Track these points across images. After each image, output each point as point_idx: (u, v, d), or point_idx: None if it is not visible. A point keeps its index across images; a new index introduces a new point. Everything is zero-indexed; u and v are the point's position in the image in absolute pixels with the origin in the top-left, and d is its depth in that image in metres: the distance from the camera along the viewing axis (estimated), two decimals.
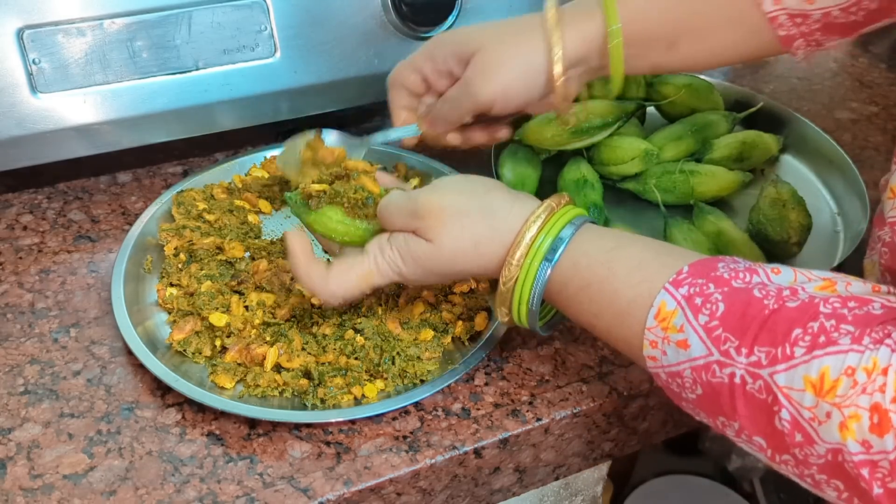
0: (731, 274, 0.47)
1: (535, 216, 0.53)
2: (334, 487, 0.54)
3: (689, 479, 1.18)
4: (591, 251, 0.52)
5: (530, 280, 0.53)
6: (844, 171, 0.79)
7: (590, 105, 0.79)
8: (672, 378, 0.48)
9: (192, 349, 0.60)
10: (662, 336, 0.47)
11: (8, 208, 0.73)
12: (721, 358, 0.44)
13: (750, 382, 0.43)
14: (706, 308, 0.45)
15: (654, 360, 0.48)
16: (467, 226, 0.54)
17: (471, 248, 0.54)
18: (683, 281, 0.47)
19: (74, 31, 0.66)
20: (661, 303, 0.47)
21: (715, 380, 0.45)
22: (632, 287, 0.50)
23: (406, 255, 0.55)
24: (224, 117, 0.74)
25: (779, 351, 0.42)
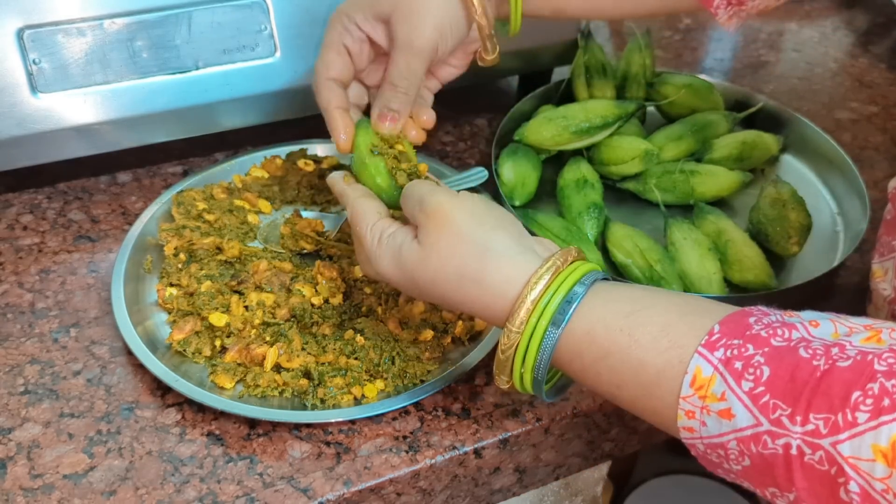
0: (768, 331, 0.43)
1: (537, 276, 0.48)
2: (334, 487, 0.54)
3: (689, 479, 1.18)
4: (608, 317, 0.47)
5: (535, 347, 0.48)
6: (844, 171, 0.79)
7: (590, 105, 0.79)
8: (712, 449, 0.44)
9: (192, 349, 0.60)
10: (701, 406, 0.43)
11: (8, 208, 0.73)
12: (772, 428, 0.40)
13: (808, 453, 0.39)
14: (749, 373, 0.41)
15: (692, 432, 0.44)
16: (457, 254, 0.50)
17: (454, 280, 0.50)
18: (717, 343, 0.43)
19: (74, 31, 0.66)
20: (696, 369, 0.43)
21: (767, 451, 0.41)
22: (659, 354, 0.45)
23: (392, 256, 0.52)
24: (224, 117, 0.74)
25: (839, 418, 0.38)
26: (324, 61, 0.62)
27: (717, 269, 0.68)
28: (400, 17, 0.59)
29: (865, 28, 1.13)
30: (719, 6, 0.63)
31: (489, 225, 0.50)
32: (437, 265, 0.50)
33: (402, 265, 0.52)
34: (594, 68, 0.84)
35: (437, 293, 0.51)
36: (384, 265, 0.53)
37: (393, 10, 0.59)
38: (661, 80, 0.85)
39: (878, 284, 0.57)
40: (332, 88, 0.62)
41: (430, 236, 0.50)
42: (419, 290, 0.52)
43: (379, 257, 0.53)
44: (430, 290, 0.51)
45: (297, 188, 0.74)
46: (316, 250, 0.68)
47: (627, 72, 0.85)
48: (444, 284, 0.50)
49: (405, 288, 0.53)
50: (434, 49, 0.60)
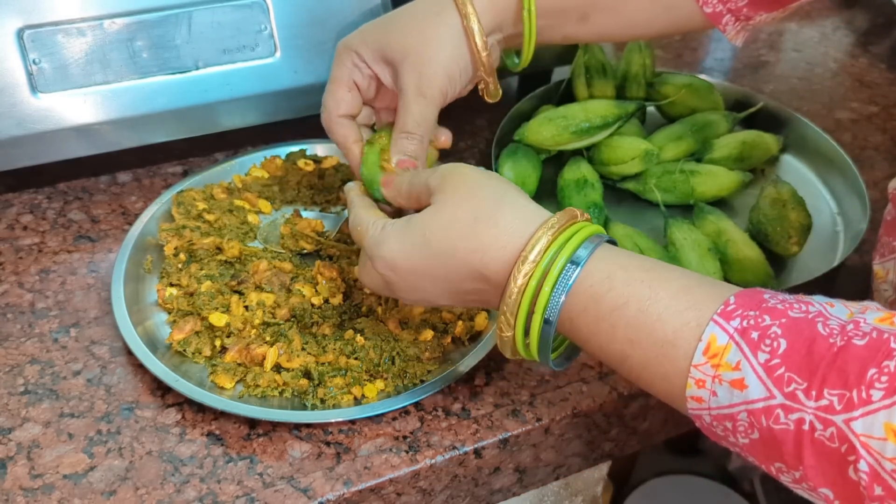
0: (784, 305, 0.42)
1: (555, 218, 0.48)
2: (334, 487, 0.54)
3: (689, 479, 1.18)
4: (630, 266, 0.46)
5: (550, 283, 0.46)
6: (844, 171, 0.79)
7: (590, 105, 0.79)
8: (719, 420, 0.43)
9: (192, 349, 0.60)
10: (713, 374, 0.42)
11: (8, 208, 0.73)
12: (786, 401, 0.40)
13: (820, 429, 0.39)
14: (765, 344, 0.41)
15: (700, 402, 0.43)
16: (475, 197, 0.49)
17: (468, 223, 0.48)
18: (734, 312, 0.42)
19: (74, 31, 0.66)
20: (710, 336, 0.42)
21: (778, 426, 0.40)
22: (678, 313, 0.44)
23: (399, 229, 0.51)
24: (224, 117, 0.74)
25: (854, 394, 0.38)
26: (335, 99, 0.62)
27: (717, 269, 0.68)
28: (410, 66, 0.58)
29: (865, 28, 1.13)
30: (728, 23, 0.64)
31: (503, 180, 0.51)
32: (451, 211, 0.49)
33: (410, 232, 0.50)
34: (594, 68, 0.84)
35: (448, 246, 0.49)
36: (389, 245, 0.51)
37: (403, 58, 0.58)
38: (661, 80, 0.85)
39: (880, 285, 0.57)
40: (345, 125, 0.62)
41: (446, 191, 0.50)
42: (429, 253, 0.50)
43: (384, 240, 0.52)
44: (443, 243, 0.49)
45: (297, 188, 0.74)
46: (316, 250, 0.68)
47: (627, 72, 0.85)
48: (459, 230, 0.49)
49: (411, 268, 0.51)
50: (444, 95, 0.60)
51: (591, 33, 0.65)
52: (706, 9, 0.63)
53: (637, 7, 0.64)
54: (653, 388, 0.46)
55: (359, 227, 0.55)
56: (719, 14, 0.63)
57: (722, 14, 0.63)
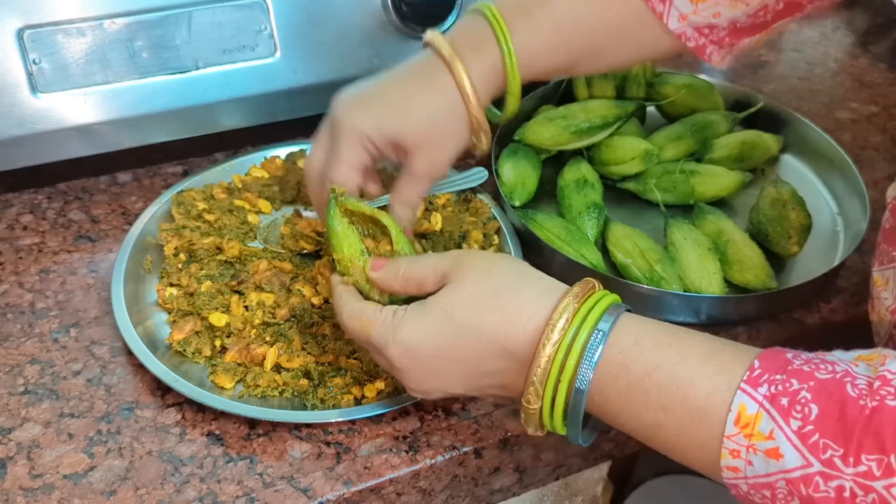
0: (810, 366, 0.42)
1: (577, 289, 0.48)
2: (334, 487, 0.54)
3: (689, 479, 1.18)
4: (656, 332, 0.46)
5: (578, 351, 0.46)
6: (844, 171, 0.79)
7: (590, 105, 0.79)
8: (757, 489, 0.42)
9: (192, 349, 0.60)
10: (747, 444, 0.41)
11: (8, 208, 0.73)
12: (824, 469, 0.39)
13: (861, 495, 0.38)
14: (796, 410, 0.40)
15: (736, 472, 0.42)
16: (493, 275, 0.49)
17: (492, 296, 0.48)
18: (760, 378, 0.42)
19: (74, 31, 0.66)
20: (740, 406, 0.42)
21: (818, 494, 0.39)
22: (708, 377, 0.43)
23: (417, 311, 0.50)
24: (224, 117, 0.74)
25: (892, 459, 0.37)
26: (342, 177, 0.59)
27: (717, 269, 0.68)
28: (421, 152, 0.59)
29: (865, 28, 1.13)
30: (711, 52, 0.64)
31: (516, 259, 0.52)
32: (472, 287, 0.49)
33: (429, 312, 0.49)
34: None
35: (472, 321, 0.48)
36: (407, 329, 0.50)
37: (417, 149, 0.59)
38: (661, 80, 0.85)
39: (880, 293, 0.57)
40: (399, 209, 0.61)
41: (463, 270, 0.50)
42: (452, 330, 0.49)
43: (399, 325, 0.50)
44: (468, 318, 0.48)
45: (297, 188, 0.74)
46: (316, 250, 0.68)
47: (627, 72, 0.85)
48: (482, 306, 0.48)
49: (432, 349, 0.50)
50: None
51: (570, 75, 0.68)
52: (689, 43, 0.63)
53: (618, 53, 0.65)
54: (688, 456, 0.45)
55: (361, 319, 0.52)
56: (702, 46, 0.64)
57: (705, 46, 0.64)
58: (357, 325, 0.52)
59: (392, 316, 0.51)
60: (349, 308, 0.53)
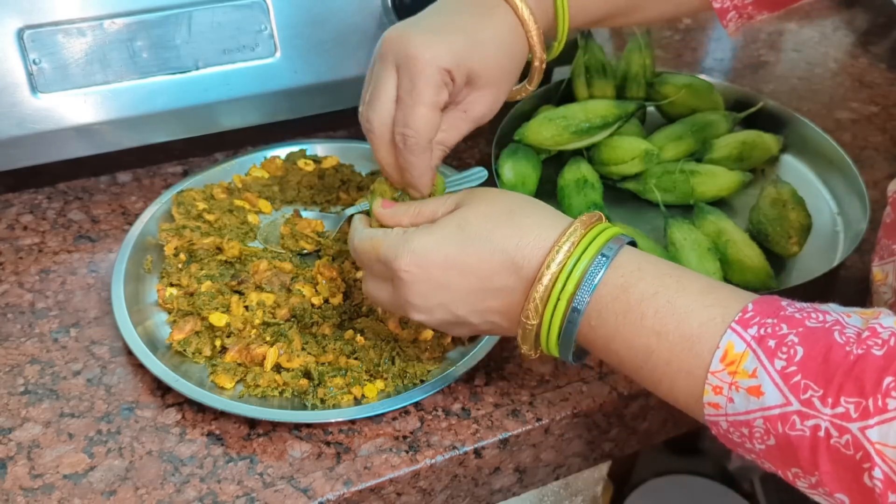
0: (802, 314, 0.43)
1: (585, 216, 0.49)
2: (334, 487, 0.54)
3: (689, 479, 1.18)
4: (658, 261, 0.48)
5: (580, 272, 0.47)
6: (844, 171, 0.79)
7: (590, 105, 0.79)
8: (736, 427, 0.43)
9: (192, 349, 0.60)
10: (730, 381, 0.42)
11: (8, 208, 0.73)
12: (802, 408, 0.40)
13: (836, 436, 0.39)
14: (782, 351, 0.41)
15: (717, 408, 0.43)
16: (505, 198, 0.51)
17: (505, 214, 0.50)
18: (751, 320, 0.43)
19: (74, 31, 0.66)
20: (727, 344, 0.43)
21: (794, 432, 0.41)
22: (705, 308, 0.44)
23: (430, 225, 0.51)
24: (224, 117, 0.74)
25: (870, 403, 0.38)
26: (428, 122, 0.54)
27: (717, 269, 0.68)
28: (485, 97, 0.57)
29: (865, 28, 1.13)
30: (731, 19, 0.66)
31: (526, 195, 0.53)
32: (487, 205, 0.51)
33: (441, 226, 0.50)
34: (594, 68, 0.84)
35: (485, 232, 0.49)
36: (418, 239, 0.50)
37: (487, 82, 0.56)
38: (661, 80, 0.85)
39: (879, 288, 0.57)
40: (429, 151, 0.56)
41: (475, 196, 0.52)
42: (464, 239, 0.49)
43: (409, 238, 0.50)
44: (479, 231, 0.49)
45: (297, 188, 0.74)
46: (316, 250, 0.68)
47: (627, 72, 0.85)
48: (495, 219, 0.50)
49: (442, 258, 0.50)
50: None
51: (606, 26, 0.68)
52: (715, 4, 0.65)
53: (655, 6, 0.67)
54: (674, 387, 0.46)
55: (371, 240, 0.53)
56: (725, 9, 0.66)
57: (728, 10, 0.66)
58: (367, 244, 0.53)
59: (403, 232, 0.52)
60: (360, 233, 0.54)
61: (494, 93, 0.58)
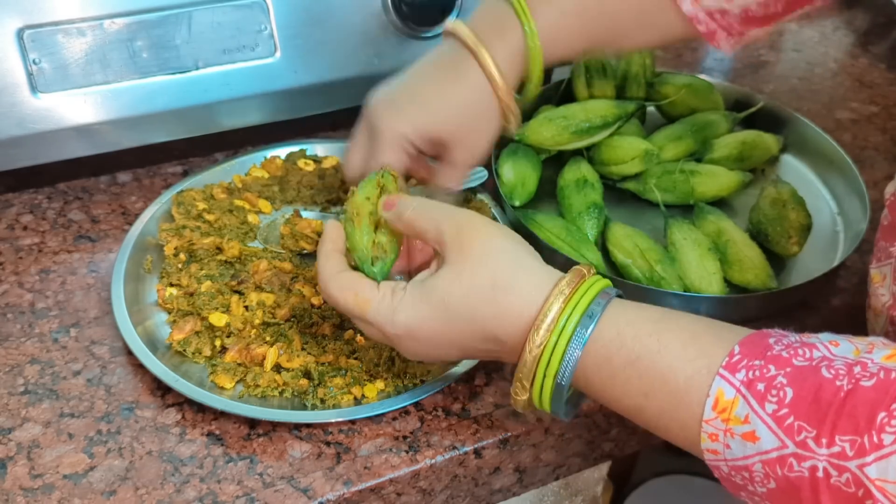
0: (789, 352, 0.43)
1: (565, 280, 0.49)
2: (334, 487, 0.54)
3: (689, 479, 1.18)
4: (638, 321, 0.47)
5: (561, 348, 0.47)
6: (844, 171, 0.79)
7: (590, 105, 0.79)
8: (736, 471, 0.43)
9: (192, 349, 0.60)
10: (724, 429, 0.43)
11: (8, 208, 0.73)
12: (798, 450, 0.40)
13: (835, 475, 0.39)
14: (772, 394, 0.41)
15: (716, 454, 0.44)
16: (490, 263, 0.50)
17: (487, 289, 0.49)
18: (738, 364, 0.43)
19: (74, 31, 0.66)
20: (717, 391, 0.43)
21: (793, 474, 0.40)
22: (689, 362, 0.44)
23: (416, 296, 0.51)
24: (224, 117, 0.74)
25: (865, 440, 0.38)
26: None
27: (717, 269, 0.68)
28: (459, 143, 0.61)
29: (865, 28, 1.13)
30: (721, 38, 0.65)
31: (515, 238, 0.52)
32: (469, 278, 0.50)
33: (427, 299, 0.50)
34: (594, 68, 0.84)
35: (468, 314, 0.50)
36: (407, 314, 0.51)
37: (452, 140, 0.61)
38: (661, 80, 0.85)
39: (877, 290, 0.57)
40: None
41: (463, 251, 0.50)
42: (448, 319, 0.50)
43: (399, 308, 0.51)
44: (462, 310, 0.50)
45: (297, 188, 0.74)
46: (315, 250, 0.68)
47: (627, 72, 0.85)
48: (478, 297, 0.49)
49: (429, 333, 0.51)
50: None
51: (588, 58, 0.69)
52: (699, 27, 0.64)
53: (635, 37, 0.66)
54: (670, 436, 0.46)
55: (357, 295, 0.52)
56: (713, 32, 0.65)
57: (715, 32, 0.65)
58: (351, 299, 0.52)
59: (391, 296, 0.52)
60: (340, 279, 0.53)
61: (468, 145, 0.62)
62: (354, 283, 0.53)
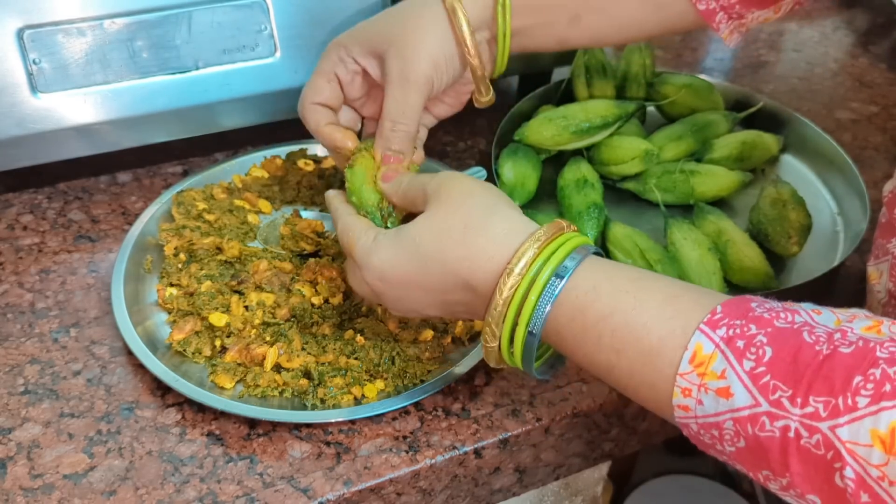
0: (771, 314, 0.42)
1: (541, 230, 0.48)
2: (334, 487, 0.54)
3: (689, 479, 1.18)
4: (615, 277, 0.46)
5: (535, 295, 0.47)
6: (844, 171, 0.79)
7: (590, 105, 0.79)
8: (706, 429, 0.43)
9: (192, 349, 0.60)
10: (699, 383, 0.42)
11: (8, 208, 0.73)
12: (771, 409, 0.40)
13: (806, 436, 0.38)
14: (751, 352, 0.41)
15: (686, 410, 0.43)
16: (465, 205, 0.50)
17: (458, 231, 0.49)
18: (720, 322, 0.42)
19: (74, 31, 0.66)
20: (696, 345, 0.42)
21: (763, 433, 0.40)
22: (664, 322, 0.44)
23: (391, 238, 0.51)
24: (224, 117, 0.74)
25: (839, 401, 0.38)
26: (312, 87, 0.62)
27: (717, 269, 0.68)
28: (394, 51, 0.58)
29: (865, 28, 1.13)
30: (721, 21, 0.64)
31: (497, 191, 0.52)
32: (442, 219, 0.50)
33: (401, 241, 0.51)
34: (594, 68, 0.84)
35: (438, 254, 0.49)
36: (380, 255, 0.52)
37: (388, 46, 0.59)
38: (661, 80, 0.85)
39: (874, 287, 0.57)
40: (318, 111, 0.62)
41: (440, 198, 0.51)
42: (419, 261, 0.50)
43: (374, 249, 0.52)
44: (433, 251, 0.49)
45: (297, 188, 0.74)
46: (315, 251, 0.68)
47: (627, 72, 0.85)
48: (449, 237, 0.49)
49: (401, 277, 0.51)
50: (430, 83, 0.59)
51: (583, 36, 0.65)
52: (699, 6, 0.63)
53: (628, 7, 0.64)
54: (639, 396, 0.46)
55: (349, 234, 0.54)
56: (712, 11, 0.64)
57: (715, 11, 0.64)
58: (346, 239, 0.55)
59: (372, 240, 0.53)
60: (342, 222, 0.56)
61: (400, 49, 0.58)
62: (352, 226, 0.55)
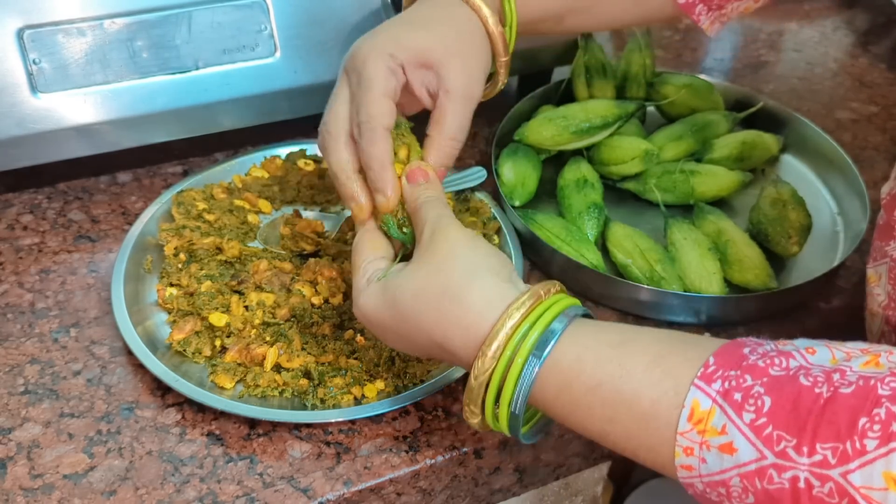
0: (765, 361, 0.41)
1: (518, 302, 0.46)
2: (334, 487, 0.54)
3: None
4: (597, 346, 0.45)
5: (513, 378, 0.45)
6: (844, 171, 0.79)
7: (590, 105, 0.79)
8: (712, 487, 0.41)
9: (192, 349, 0.60)
10: (700, 441, 0.41)
11: (8, 208, 0.73)
12: (778, 461, 0.38)
13: (818, 486, 0.37)
14: (749, 404, 0.40)
15: (690, 470, 0.42)
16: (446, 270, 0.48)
17: (435, 296, 0.48)
18: (714, 374, 0.41)
19: (74, 31, 0.66)
20: (693, 402, 0.41)
21: (773, 486, 0.39)
22: (654, 385, 0.43)
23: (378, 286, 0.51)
24: (224, 117, 0.74)
25: (847, 446, 0.36)
26: (381, 111, 0.54)
27: (717, 269, 0.68)
28: (454, 67, 0.56)
29: (865, 28, 1.13)
30: (700, 13, 0.64)
31: (483, 252, 0.49)
32: (423, 279, 0.48)
33: (384, 292, 0.50)
34: (594, 68, 0.84)
35: (414, 314, 0.48)
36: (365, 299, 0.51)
37: (448, 60, 0.56)
38: (661, 80, 0.85)
39: (873, 289, 0.57)
40: (388, 139, 0.54)
41: (426, 253, 0.50)
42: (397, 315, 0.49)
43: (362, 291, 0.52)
44: (409, 312, 0.48)
45: (297, 188, 0.74)
46: (315, 251, 0.68)
47: (627, 72, 0.85)
48: (425, 301, 0.48)
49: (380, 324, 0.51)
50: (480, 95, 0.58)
51: (564, 31, 0.68)
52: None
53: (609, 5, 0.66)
54: (639, 458, 0.45)
55: (355, 258, 0.54)
56: (692, 4, 0.64)
57: (694, 4, 0.64)
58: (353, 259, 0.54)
59: (365, 281, 0.52)
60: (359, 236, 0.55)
61: (463, 65, 0.56)
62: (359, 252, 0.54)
